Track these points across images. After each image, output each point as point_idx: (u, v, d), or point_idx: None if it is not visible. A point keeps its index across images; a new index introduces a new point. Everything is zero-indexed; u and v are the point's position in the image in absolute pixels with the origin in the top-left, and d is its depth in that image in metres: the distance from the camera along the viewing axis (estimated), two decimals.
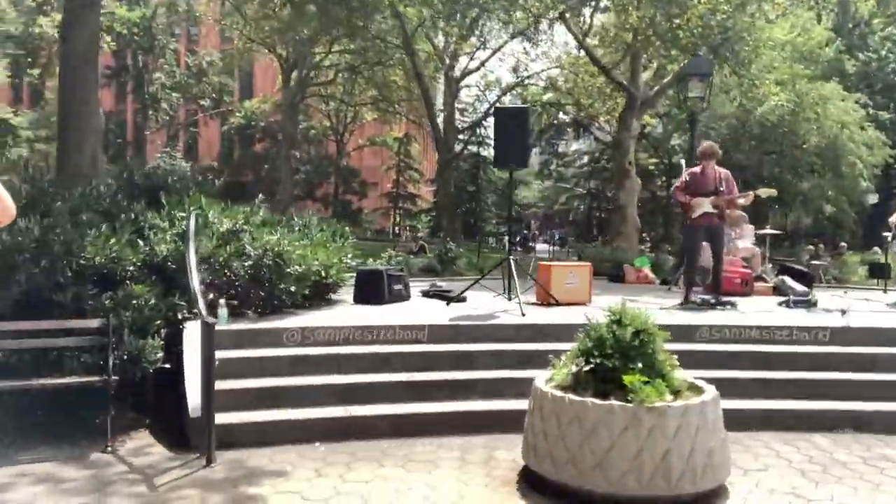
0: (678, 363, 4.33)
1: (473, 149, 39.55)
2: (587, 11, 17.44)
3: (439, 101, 32.86)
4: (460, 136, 39.82)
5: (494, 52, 31.50)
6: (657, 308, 7.45)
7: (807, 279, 9.79)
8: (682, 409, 3.86)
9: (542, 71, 30.26)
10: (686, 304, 7.58)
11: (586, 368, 4.10)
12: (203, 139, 52.75)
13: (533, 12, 18.24)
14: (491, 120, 42.24)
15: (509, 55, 32.45)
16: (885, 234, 12.29)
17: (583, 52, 20.08)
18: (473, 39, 28.76)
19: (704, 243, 8.14)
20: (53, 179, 7.20)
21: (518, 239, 34.85)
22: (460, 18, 20.74)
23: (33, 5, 32.85)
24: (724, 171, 7.99)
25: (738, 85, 15.34)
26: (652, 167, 35.64)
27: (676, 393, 4.11)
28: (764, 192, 8.19)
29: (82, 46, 10.17)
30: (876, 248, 13.19)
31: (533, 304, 7.55)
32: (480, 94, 34.84)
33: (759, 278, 9.82)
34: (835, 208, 23.04)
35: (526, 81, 31.89)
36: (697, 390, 4.26)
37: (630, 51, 17.98)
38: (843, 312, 6.40)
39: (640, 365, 4.02)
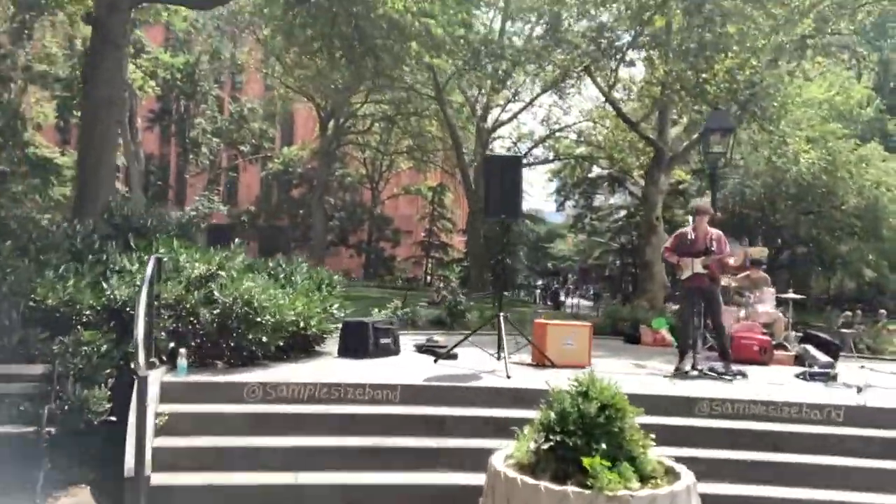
0: (653, 442, 3.85)
1: None
2: (613, 64, 17.16)
3: (471, 152, 32.83)
4: None
5: (527, 105, 31.48)
6: (661, 376, 6.95)
7: (832, 349, 9.12)
8: (648, 499, 3.39)
9: (575, 124, 30.06)
10: (680, 373, 7.03)
11: (545, 446, 3.66)
12: (243, 184, 53.64)
13: (559, 65, 18.12)
14: (524, 172, 42.36)
15: (540, 107, 32.46)
16: None
17: (609, 107, 19.78)
18: (505, 91, 28.75)
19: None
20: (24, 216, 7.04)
21: (548, 293, 34.35)
22: (491, 70, 20.67)
23: (81, 49, 33.96)
24: (715, 232, 7.56)
25: (767, 142, 14.86)
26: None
27: (647, 479, 3.63)
28: (756, 250, 7.76)
29: (104, 88, 10.21)
30: None
31: (528, 364, 7.11)
32: (512, 145, 34.67)
33: (781, 346, 9.18)
34: (875, 273, 22.07)
35: (557, 134, 31.70)
36: (673, 476, 3.77)
37: (658, 105, 17.66)
38: (860, 389, 5.82)
39: (603, 445, 3.56)
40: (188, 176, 47.12)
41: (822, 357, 8.61)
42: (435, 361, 6.96)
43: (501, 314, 6.74)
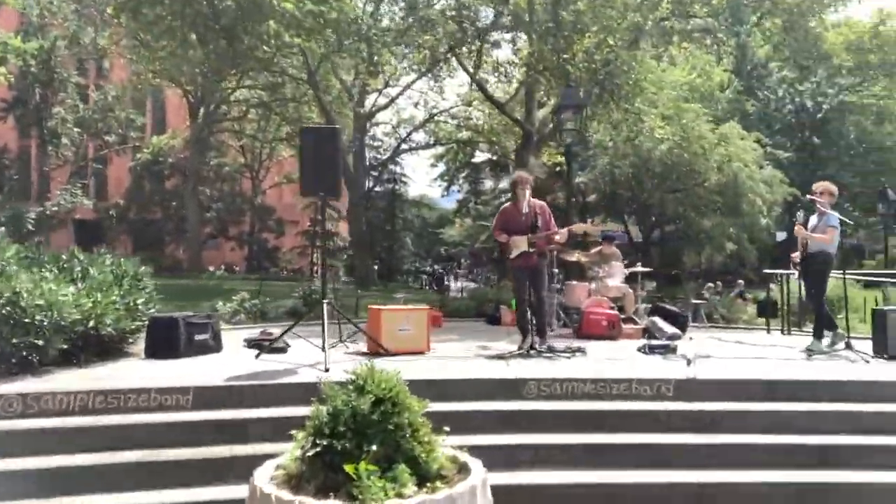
0: (446, 433, 3.40)
1: (391, 187, 38.86)
2: (476, 46, 16.88)
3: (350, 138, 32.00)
4: (373, 174, 39.10)
5: (404, 90, 30.95)
6: (499, 358, 6.62)
7: (679, 321, 9.17)
8: None
9: (452, 108, 29.81)
10: (519, 354, 6.74)
11: (311, 452, 3.15)
12: (112, 176, 50.39)
13: (425, 47, 17.69)
14: (407, 157, 41.36)
15: (418, 92, 32.03)
16: (783, 272, 11.93)
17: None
18: (381, 76, 28.06)
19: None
20: None
21: (434, 278, 34.08)
22: (357, 53, 19.97)
23: None
24: (539, 204, 7.34)
25: (623, 119, 15.03)
26: (562, 202, 35.57)
27: (434, 479, 3.19)
28: (580, 227, 7.62)
29: None
30: (772, 286, 12.80)
31: (361, 354, 6.61)
32: (392, 130, 34.17)
33: (630, 320, 9.15)
34: (736, 246, 23.05)
35: (437, 118, 31.38)
36: (465, 473, 3.34)
37: (525, 86, 17.57)
38: (689, 361, 5.66)
39: (374, 447, 3.09)
40: (47, 169, 43.67)
41: (669, 329, 8.62)
42: (257, 356, 6.34)
43: (325, 301, 6.18)
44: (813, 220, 7.90)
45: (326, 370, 5.52)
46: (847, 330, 7.61)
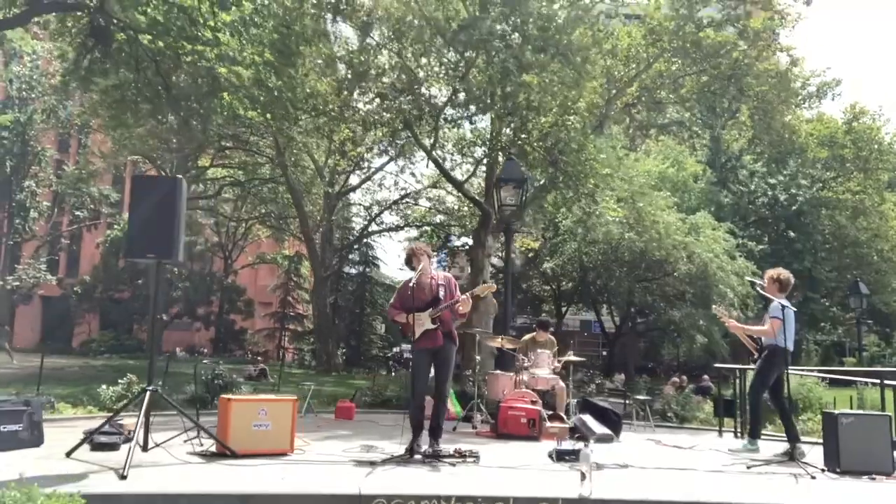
0: None
1: (361, 269, 38.02)
2: (432, 124, 16.31)
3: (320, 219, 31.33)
4: (350, 256, 38.27)
5: (376, 171, 30.60)
6: (373, 462, 5.47)
7: (611, 419, 8.05)
8: None
9: (421, 190, 29.33)
10: (399, 458, 5.61)
11: None
12: (86, 253, 49.40)
13: (380, 123, 17.16)
14: (380, 240, 40.57)
15: (391, 174, 31.69)
16: (739, 367, 10.97)
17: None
18: (351, 154, 27.63)
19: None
20: None
21: (399, 362, 32.65)
22: (314, 129, 19.47)
23: None
24: (442, 275, 6.41)
25: (576, 200, 14.32)
26: (538, 291, 34.88)
27: None
28: (481, 289, 6.59)
29: None
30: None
31: (208, 455, 5.46)
32: (363, 211, 33.55)
33: (557, 417, 8.01)
34: (707, 339, 22.03)
35: (407, 200, 30.85)
36: None
37: (481, 164, 16.96)
38: (584, 476, 4.55)
39: None
40: (12, 243, 42.68)
41: (599, 429, 7.49)
42: (68, 454, 5.17)
43: (150, 388, 5.09)
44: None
45: (123, 477, 4.37)
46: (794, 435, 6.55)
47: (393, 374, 28.07)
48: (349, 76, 15.87)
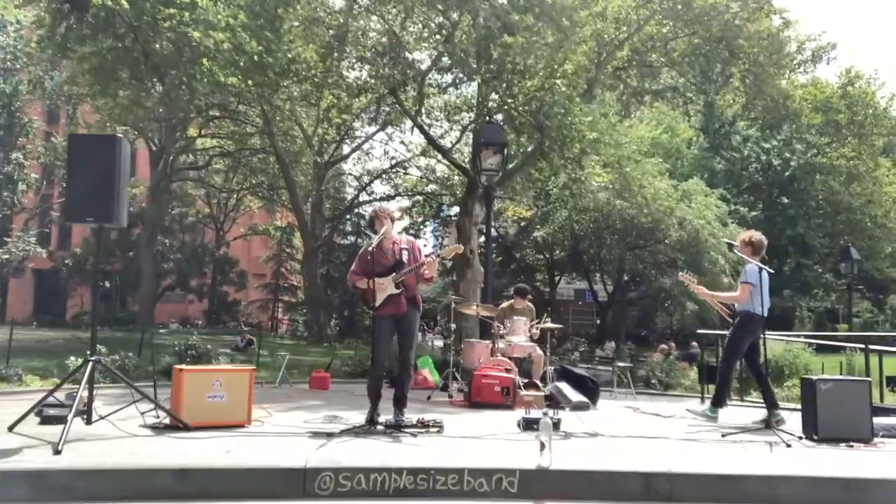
0: None
1: (353, 239, 37.75)
2: (416, 89, 15.89)
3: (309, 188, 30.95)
4: (341, 227, 37.95)
5: (365, 140, 30.19)
6: (331, 433, 5.26)
7: (588, 386, 7.87)
8: None
9: (411, 158, 28.95)
10: (358, 429, 5.41)
11: None
12: (78, 225, 48.96)
13: (364, 89, 16.75)
14: (367, 208, 40.46)
15: (379, 142, 31.26)
16: (719, 332, 10.80)
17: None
18: (338, 123, 27.17)
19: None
20: None
21: None
22: (297, 93, 19.05)
23: None
24: (406, 239, 6.17)
25: (562, 166, 13.99)
26: (531, 260, 34.76)
27: None
28: (448, 251, 6.32)
29: None
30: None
31: (161, 427, 5.25)
32: (355, 181, 33.16)
33: (532, 385, 7.82)
34: (697, 306, 21.88)
35: (398, 170, 30.47)
36: None
37: (467, 131, 16.60)
38: (543, 445, 4.35)
39: None
40: (0, 216, 42.33)
41: (575, 396, 7.33)
42: (10, 428, 4.95)
43: (92, 359, 4.86)
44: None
45: (58, 452, 4.16)
46: (778, 402, 6.36)
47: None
48: (331, 41, 15.41)
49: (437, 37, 14.73)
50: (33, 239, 41.71)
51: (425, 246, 46.44)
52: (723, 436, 5.76)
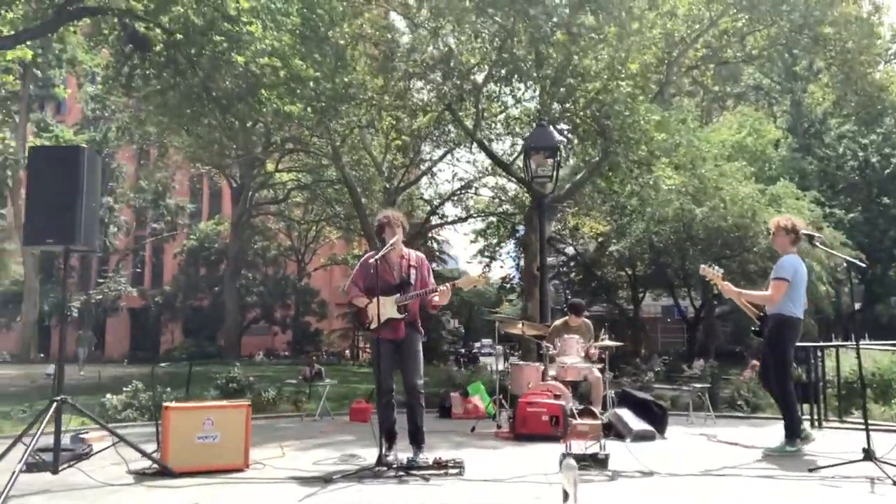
0: None
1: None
2: (472, 100, 15.24)
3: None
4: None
5: (435, 162, 29.73)
6: (316, 484, 4.54)
7: (654, 412, 6.86)
8: None
9: (480, 177, 28.26)
10: (364, 471, 4.65)
11: None
12: (168, 263, 50.83)
13: (419, 107, 16.30)
14: (444, 233, 39.84)
15: (448, 164, 30.76)
16: (820, 345, 9.53)
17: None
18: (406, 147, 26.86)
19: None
20: None
21: (468, 357, 31.71)
22: (354, 118, 18.79)
23: None
24: (414, 255, 5.38)
25: (628, 171, 12.94)
26: (612, 277, 33.33)
27: None
28: (465, 282, 5.41)
29: None
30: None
31: (138, 474, 4.66)
32: (426, 205, 32.67)
33: (588, 412, 6.85)
34: None
35: (468, 191, 29.83)
36: None
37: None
38: (566, 496, 3.48)
39: None
40: (94, 258, 44.37)
41: (638, 425, 6.37)
42: None
43: (57, 399, 4.33)
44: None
45: None
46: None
47: (459, 369, 27.16)
48: (380, 57, 15.00)
49: (492, 45, 14.09)
50: (123, 279, 43.36)
51: (502, 268, 45.78)
52: (810, 470, 4.70)
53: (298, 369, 20.09)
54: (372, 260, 5.04)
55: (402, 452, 5.04)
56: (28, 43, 17.01)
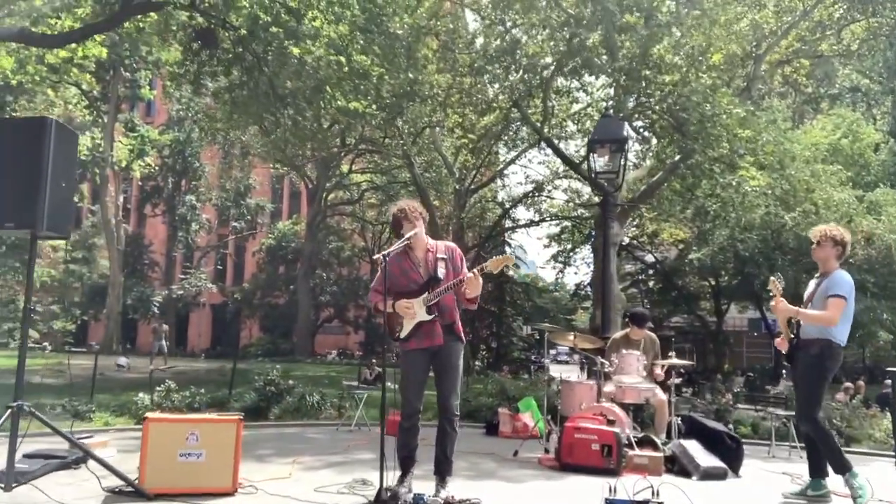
0: None
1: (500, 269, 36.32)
2: (541, 98, 14.42)
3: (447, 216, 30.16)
4: (485, 254, 36.78)
5: (507, 165, 29.03)
6: None
7: (726, 445, 5.87)
8: None
9: (553, 179, 27.30)
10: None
11: None
12: (249, 261, 51.86)
13: (486, 103, 15.59)
14: (517, 236, 38.88)
15: (521, 166, 29.95)
16: None
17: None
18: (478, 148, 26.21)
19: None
20: None
21: (539, 365, 30.76)
22: (419, 115, 18.28)
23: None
24: (443, 245, 4.61)
25: (708, 170, 11.77)
26: (694, 288, 31.71)
27: None
28: (494, 263, 4.48)
29: None
30: None
31: (127, 493, 4.12)
32: (496, 207, 31.89)
33: (648, 442, 5.93)
34: (892, 335, 18.26)
35: (540, 194, 28.90)
36: None
37: None
38: None
39: None
40: (175, 254, 45.68)
41: (707, 460, 5.46)
42: None
43: (13, 405, 3.81)
44: (811, 285, 5.03)
45: None
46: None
47: (528, 376, 26.22)
48: (443, 49, 14.39)
49: (561, 35, 13.23)
50: (204, 275, 44.37)
51: (576, 274, 44.36)
52: None
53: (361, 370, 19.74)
54: (379, 257, 4.36)
55: (422, 481, 4.34)
56: (101, 41, 17.25)
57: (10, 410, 3.78)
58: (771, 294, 4.99)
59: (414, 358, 4.43)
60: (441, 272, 4.40)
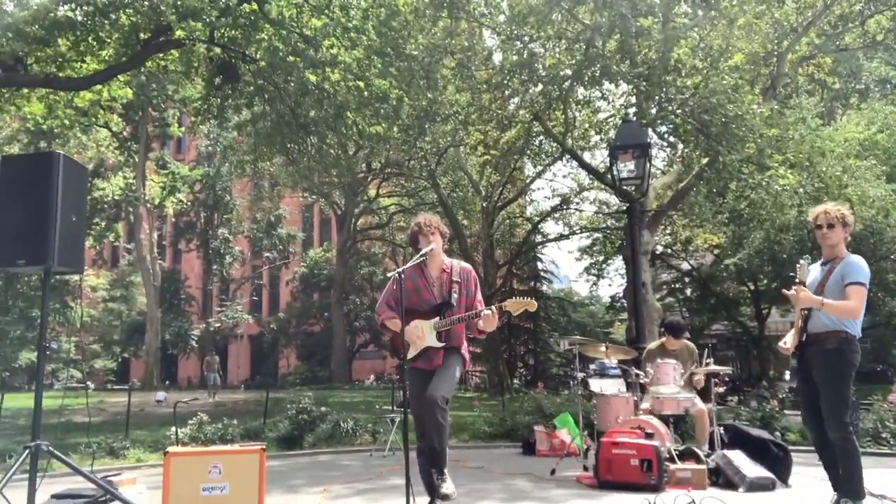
0: None
1: (532, 285, 36.12)
2: (561, 109, 14.28)
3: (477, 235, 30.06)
4: (517, 272, 36.53)
5: (533, 180, 28.91)
6: None
7: (773, 455, 5.60)
8: None
9: (580, 192, 27.05)
10: None
11: None
12: (284, 290, 52.26)
13: (507, 118, 15.50)
14: (548, 251, 38.54)
15: (546, 180, 29.77)
16: None
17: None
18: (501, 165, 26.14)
19: None
20: None
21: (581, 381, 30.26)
22: (440, 134, 18.28)
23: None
24: (458, 266, 4.46)
25: (737, 171, 11.44)
26: (732, 293, 31.03)
27: None
28: (514, 305, 4.31)
29: None
30: None
31: None
32: (526, 222, 31.68)
33: (690, 454, 5.68)
34: None
35: (569, 207, 28.63)
36: None
37: None
38: None
39: None
40: (211, 288, 46.24)
41: (754, 471, 5.22)
42: None
43: (32, 444, 3.75)
44: (815, 271, 4.46)
45: None
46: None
47: (566, 392, 25.84)
48: (459, 67, 14.36)
49: (577, 46, 13.11)
50: (240, 307, 44.77)
51: (610, 286, 43.69)
52: None
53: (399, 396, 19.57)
54: (393, 274, 4.24)
55: None
56: (127, 81, 17.59)
57: (27, 451, 3.73)
58: (796, 280, 4.39)
59: (418, 375, 4.31)
60: (455, 297, 4.28)
